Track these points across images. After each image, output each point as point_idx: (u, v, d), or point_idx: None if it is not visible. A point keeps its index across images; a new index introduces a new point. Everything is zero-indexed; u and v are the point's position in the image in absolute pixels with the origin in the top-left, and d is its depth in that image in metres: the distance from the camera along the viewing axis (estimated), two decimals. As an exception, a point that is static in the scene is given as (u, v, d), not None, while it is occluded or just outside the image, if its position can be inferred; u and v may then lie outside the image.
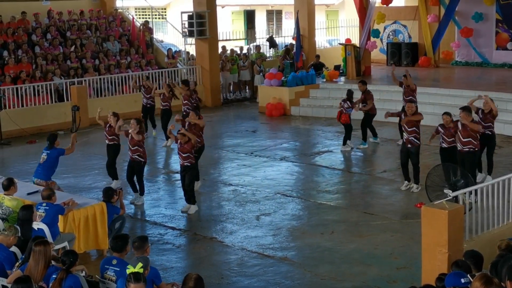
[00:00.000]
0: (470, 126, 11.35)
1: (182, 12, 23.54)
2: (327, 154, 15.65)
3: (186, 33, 23.17)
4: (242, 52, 25.16)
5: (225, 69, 23.57)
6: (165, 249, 10.10)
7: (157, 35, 28.29)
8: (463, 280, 6.17)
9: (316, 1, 26.16)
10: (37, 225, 8.85)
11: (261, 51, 24.87)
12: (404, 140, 12.54)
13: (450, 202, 8.15)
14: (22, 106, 18.91)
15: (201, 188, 12.97)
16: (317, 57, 24.13)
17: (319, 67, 23.40)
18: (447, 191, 9.12)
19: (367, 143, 16.01)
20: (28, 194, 10.27)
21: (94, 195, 12.40)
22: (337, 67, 23.51)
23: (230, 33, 26.64)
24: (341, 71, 23.06)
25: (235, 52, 24.85)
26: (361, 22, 23.06)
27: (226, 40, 25.14)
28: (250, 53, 24.78)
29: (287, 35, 27.84)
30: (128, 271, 6.28)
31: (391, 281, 8.73)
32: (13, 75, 19.46)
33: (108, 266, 7.36)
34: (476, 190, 8.67)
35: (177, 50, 25.60)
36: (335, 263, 9.39)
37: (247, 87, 24.46)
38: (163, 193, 13.21)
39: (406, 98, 15.23)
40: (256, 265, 9.41)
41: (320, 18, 30.78)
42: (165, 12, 35.95)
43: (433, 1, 24.71)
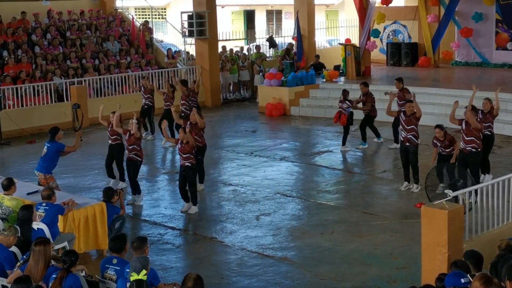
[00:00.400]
0: (473, 124, 11.38)
1: (182, 12, 23.55)
2: (327, 154, 15.65)
3: (185, 33, 23.18)
4: (243, 52, 25.15)
5: (225, 69, 23.57)
6: (165, 249, 10.10)
7: (157, 35, 28.28)
8: (463, 280, 6.17)
9: (316, 1, 26.16)
10: (37, 225, 8.85)
11: (261, 51, 24.88)
12: (402, 139, 12.52)
13: (450, 202, 8.16)
14: (22, 106, 18.90)
15: (202, 190, 12.95)
16: (317, 57, 24.12)
17: (319, 67, 23.40)
18: (447, 191, 9.11)
19: (367, 143, 16.01)
20: (28, 194, 10.27)
21: (94, 195, 12.40)
22: (337, 67, 23.51)
23: (230, 33, 26.64)
24: (341, 71, 23.06)
25: (237, 52, 24.85)
26: (361, 22, 23.06)
27: (226, 40, 25.14)
28: (250, 53, 24.78)
29: (287, 35, 27.84)
30: (132, 278, 6.28)
31: (391, 281, 8.73)
32: (12, 75, 19.46)
33: (108, 266, 7.37)
34: (476, 190, 8.68)
35: (177, 50, 25.60)
36: (335, 263, 9.39)
37: (246, 87, 24.44)
38: (163, 193, 13.20)
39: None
40: (256, 265, 9.41)
41: (320, 18, 30.78)
42: (165, 12, 35.94)
43: (433, 1, 24.71)
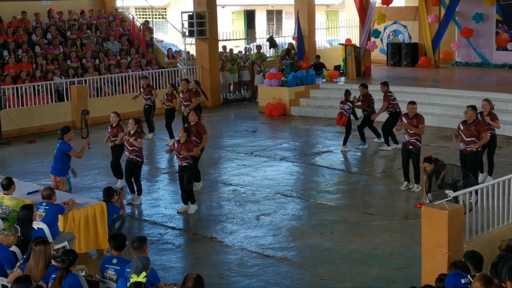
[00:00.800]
0: (477, 127, 11.44)
1: (182, 12, 23.56)
2: (327, 154, 15.65)
3: (185, 33, 23.18)
4: (245, 52, 25.09)
5: (225, 69, 23.57)
6: (165, 249, 10.10)
7: (157, 35, 28.27)
8: (463, 281, 6.17)
9: (316, 1, 26.17)
10: (37, 224, 8.84)
11: (261, 51, 24.87)
12: (405, 142, 12.54)
13: (450, 203, 8.16)
14: (22, 105, 18.90)
15: (201, 188, 12.96)
16: (317, 57, 24.12)
17: (319, 67, 23.40)
18: (448, 191, 9.11)
19: (367, 143, 16.00)
20: (28, 193, 10.27)
21: (94, 195, 12.40)
22: (337, 67, 23.50)
23: (230, 33, 26.63)
24: (341, 71, 23.05)
25: (240, 52, 24.82)
26: (361, 22, 23.06)
27: (226, 40, 25.14)
28: (250, 53, 24.77)
29: (287, 35, 27.84)
30: (132, 280, 6.27)
31: (391, 282, 8.73)
32: (13, 75, 19.46)
33: (108, 266, 7.37)
34: (477, 191, 8.68)
35: (177, 50, 25.60)
36: (335, 263, 9.39)
37: (246, 87, 24.44)
38: (163, 193, 13.20)
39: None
40: (256, 265, 9.40)
41: (320, 18, 30.77)
42: (165, 12, 35.96)
43: (433, 1, 24.71)
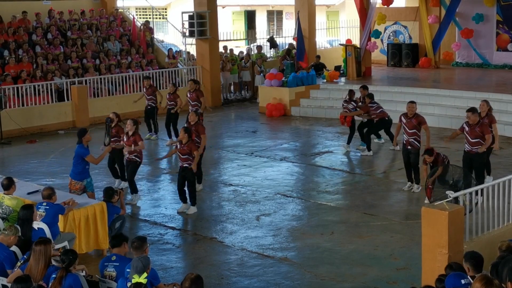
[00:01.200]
0: (481, 128, 11.46)
1: (182, 12, 23.56)
2: (327, 155, 15.65)
3: (185, 33, 23.18)
4: (247, 52, 25.07)
5: (225, 69, 23.58)
6: (165, 249, 10.10)
7: (158, 35, 28.29)
8: (463, 281, 6.17)
9: (317, 2, 26.18)
10: (37, 224, 8.84)
11: (262, 51, 24.86)
12: (404, 142, 12.54)
13: (451, 203, 8.16)
14: (23, 105, 18.90)
15: (201, 190, 12.94)
16: (318, 57, 24.12)
17: (319, 67, 23.40)
18: (449, 192, 9.12)
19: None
20: (28, 193, 10.27)
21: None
22: (337, 68, 23.50)
23: (230, 33, 26.64)
24: (341, 71, 23.06)
25: (240, 52, 24.81)
26: (361, 23, 23.06)
27: (227, 40, 25.14)
28: (251, 53, 24.77)
29: (287, 35, 27.85)
30: (134, 280, 6.28)
31: (391, 282, 8.73)
32: (13, 75, 19.46)
33: (107, 263, 7.41)
34: (478, 191, 8.68)
35: (178, 50, 25.60)
36: (335, 263, 9.39)
37: (247, 87, 24.44)
38: (163, 193, 13.21)
39: None
40: (256, 265, 9.40)
41: (320, 19, 30.79)
42: (165, 12, 35.98)
43: (434, 2, 24.71)
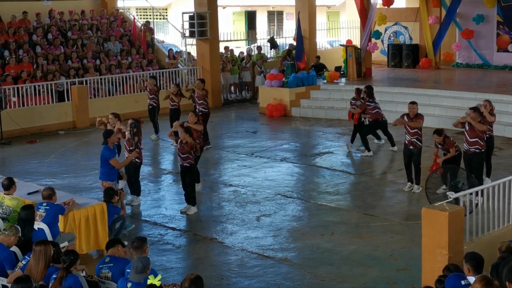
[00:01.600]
0: (477, 126, 11.39)
1: (183, 13, 23.55)
2: (328, 155, 15.65)
3: (184, 33, 23.17)
4: (247, 53, 25.09)
5: (225, 70, 23.58)
6: (165, 250, 10.10)
7: (158, 35, 28.29)
8: (463, 282, 6.18)
9: (317, 2, 26.16)
10: (38, 225, 8.85)
11: (262, 52, 24.87)
12: (406, 142, 12.55)
13: (451, 204, 8.16)
14: (23, 105, 18.89)
15: (201, 189, 12.97)
16: (318, 58, 24.12)
17: (320, 68, 23.40)
18: (449, 192, 9.12)
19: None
20: (29, 194, 10.26)
21: (94, 195, 12.40)
22: (338, 69, 23.50)
23: (231, 34, 26.65)
24: (342, 72, 23.05)
25: (241, 53, 24.81)
26: (362, 24, 23.06)
27: (227, 40, 25.14)
28: (251, 54, 24.76)
29: (288, 36, 27.85)
30: (149, 282, 6.31)
31: (391, 283, 8.73)
32: (14, 75, 19.46)
33: (102, 266, 7.48)
34: (482, 191, 8.68)
35: (178, 50, 25.61)
36: (335, 264, 9.39)
37: (247, 88, 24.43)
38: (163, 193, 13.20)
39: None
40: (256, 266, 9.40)
41: (321, 19, 30.77)
42: (166, 12, 35.99)
43: (434, 2, 24.71)
